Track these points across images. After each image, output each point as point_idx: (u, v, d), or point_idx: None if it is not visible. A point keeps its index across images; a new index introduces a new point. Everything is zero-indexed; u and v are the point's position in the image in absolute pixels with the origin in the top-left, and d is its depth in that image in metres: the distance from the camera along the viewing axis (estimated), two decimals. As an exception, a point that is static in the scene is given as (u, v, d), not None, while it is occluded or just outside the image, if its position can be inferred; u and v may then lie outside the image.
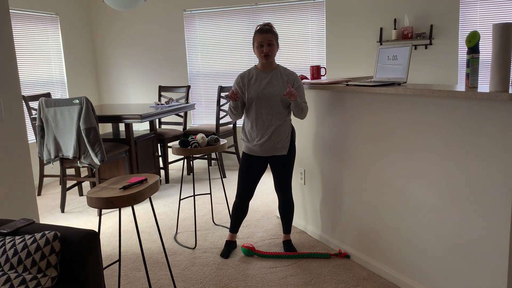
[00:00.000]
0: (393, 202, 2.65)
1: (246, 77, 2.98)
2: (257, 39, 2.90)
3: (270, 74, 2.96)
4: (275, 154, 3.00)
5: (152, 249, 3.34)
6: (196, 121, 6.17)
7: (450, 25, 4.78)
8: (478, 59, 2.15)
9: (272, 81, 2.93)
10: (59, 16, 5.78)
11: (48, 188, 5.26)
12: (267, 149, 2.98)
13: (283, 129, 2.97)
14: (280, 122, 2.94)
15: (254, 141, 2.99)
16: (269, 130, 2.93)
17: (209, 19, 5.81)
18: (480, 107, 2.05)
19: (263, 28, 2.91)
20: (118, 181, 2.38)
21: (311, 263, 3.00)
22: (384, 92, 2.57)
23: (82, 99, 3.81)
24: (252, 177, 3.07)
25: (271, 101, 2.91)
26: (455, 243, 2.26)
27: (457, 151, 2.19)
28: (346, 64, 5.31)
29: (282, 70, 2.99)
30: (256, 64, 3.04)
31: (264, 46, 2.89)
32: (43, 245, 1.83)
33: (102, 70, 6.46)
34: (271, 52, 2.91)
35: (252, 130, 2.98)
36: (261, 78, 2.95)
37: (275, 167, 3.07)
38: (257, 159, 3.04)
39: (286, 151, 3.01)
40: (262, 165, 3.06)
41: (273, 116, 2.92)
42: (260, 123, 2.94)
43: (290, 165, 3.07)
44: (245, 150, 3.07)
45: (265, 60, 2.92)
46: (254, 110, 2.94)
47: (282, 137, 2.97)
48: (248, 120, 3.00)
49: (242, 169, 3.08)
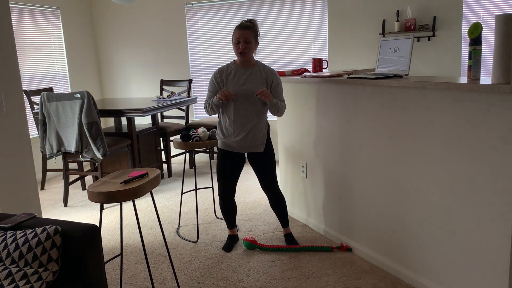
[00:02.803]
0: (395, 195, 2.64)
1: (225, 72, 2.93)
2: (235, 35, 2.85)
3: (249, 70, 2.91)
4: (252, 151, 2.98)
5: (154, 243, 3.35)
6: (198, 114, 6.16)
7: (453, 17, 4.74)
8: (480, 50, 2.13)
9: (251, 77, 2.89)
10: (60, 10, 5.76)
11: (51, 183, 5.28)
12: (244, 146, 2.95)
13: (260, 126, 2.94)
14: (258, 119, 2.92)
15: (231, 137, 2.95)
16: (247, 127, 2.90)
17: (210, 12, 5.78)
18: (482, 99, 2.04)
19: (243, 24, 2.85)
20: (119, 175, 2.38)
21: (313, 256, 3.01)
22: (386, 85, 2.55)
23: (84, 93, 3.81)
24: (232, 173, 3.03)
25: (249, 98, 2.87)
26: (457, 237, 2.25)
27: (459, 144, 2.18)
28: (348, 56, 5.28)
29: (261, 66, 2.95)
30: (236, 59, 2.99)
31: (241, 43, 2.83)
32: (44, 239, 1.83)
33: (104, 64, 6.45)
34: (247, 50, 2.85)
35: (230, 126, 2.93)
36: (239, 74, 2.90)
37: (256, 167, 3.04)
38: (234, 154, 3.01)
39: (263, 148, 2.99)
40: (240, 159, 3.03)
41: (251, 113, 2.89)
42: (238, 120, 2.90)
43: (271, 161, 3.04)
44: (221, 146, 3.02)
45: (241, 58, 2.88)
46: (232, 107, 2.89)
47: (259, 134, 2.95)
48: (225, 116, 2.95)
49: (220, 167, 3.03)
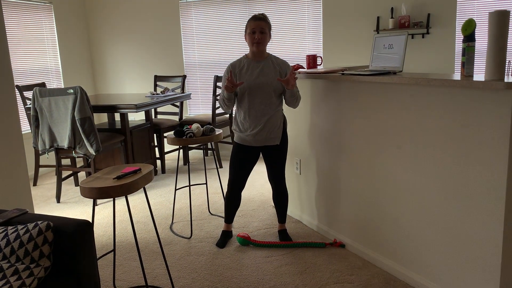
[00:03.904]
0: (388, 192, 2.65)
1: (238, 67, 2.94)
2: (250, 26, 2.87)
3: (261, 63, 2.92)
4: (268, 144, 2.98)
5: (147, 239, 3.34)
6: (192, 111, 6.14)
7: (447, 14, 4.75)
8: (473, 47, 2.13)
9: (264, 70, 2.90)
10: (53, 5, 5.71)
11: (44, 179, 5.25)
12: (260, 139, 2.96)
13: (275, 119, 2.95)
14: (273, 112, 2.92)
15: (247, 131, 2.96)
16: (262, 120, 2.91)
17: (205, 8, 5.75)
18: (475, 96, 2.04)
19: (257, 15, 2.89)
20: (112, 171, 2.36)
21: (306, 252, 3.01)
22: (379, 81, 2.55)
23: (77, 88, 3.78)
24: (245, 168, 3.05)
25: (263, 91, 2.88)
26: (450, 233, 2.27)
27: (453, 140, 2.19)
28: (343, 53, 5.28)
29: (273, 59, 2.96)
30: (247, 53, 3.01)
31: (256, 33, 2.85)
32: (36, 235, 1.82)
33: (97, 60, 6.41)
34: (263, 40, 2.87)
35: (245, 120, 2.95)
36: (252, 67, 2.91)
37: (268, 157, 3.05)
38: (249, 149, 3.02)
39: (279, 141, 3.00)
40: (255, 155, 3.04)
41: (266, 106, 2.90)
42: (253, 113, 2.92)
43: (284, 155, 3.06)
44: (237, 140, 3.04)
45: (256, 49, 2.88)
46: (246, 100, 2.91)
47: (275, 127, 2.96)
48: (240, 110, 2.97)
49: (234, 160, 3.05)
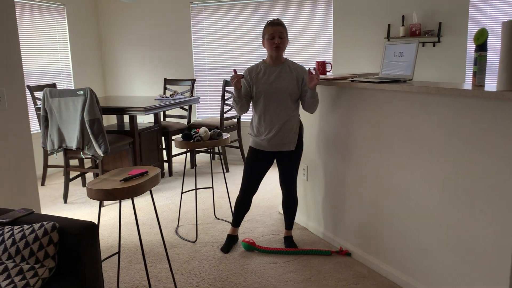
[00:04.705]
0: (396, 201, 2.62)
1: (254, 71, 2.95)
2: (268, 31, 2.88)
3: (278, 68, 2.93)
4: (283, 149, 2.97)
5: (153, 242, 3.33)
6: (201, 114, 6.15)
7: (459, 23, 4.72)
8: (485, 57, 2.11)
9: (280, 75, 2.90)
10: (66, 7, 5.77)
11: (52, 178, 5.28)
12: (275, 144, 2.95)
13: (291, 124, 2.94)
14: (288, 116, 2.91)
15: (262, 135, 2.96)
16: (277, 124, 2.90)
17: (215, 12, 5.77)
18: (486, 106, 2.02)
19: (275, 21, 2.90)
20: (119, 173, 2.37)
21: (312, 260, 2.99)
22: (389, 89, 2.53)
23: (87, 90, 3.80)
24: (258, 172, 3.04)
25: (279, 96, 2.88)
26: (457, 243, 2.23)
27: (462, 150, 2.16)
28: (353, 60, 5.26)
29: (290, 64, 2.96)
30: (264, 58, 3.01)
31: (276, 37, 2.86)
32: (41, 235, 1.82)
33: (108, 62, 6.45)
34: (282, 45, 2.88)
35: (260, 124, 2.95)
36: (269, 72, 2.92)
37: (281, 162, 3.04)
38: (264, 154, 3.01)
39: (294, 147, 2.98)
40: (269, 160, 3.03)
41: (281, 111, 2.89)
42: (268, 117, 2.91)
43: (297, 161, 3.04)
44: (252, 144, 3.04)
45: (276, 53, 2.89)
46: (262, 105, 2.91)
47: (290, 132, 2.94)
48: (256, 114, 2.98)
49: (248, 164, 3.05)
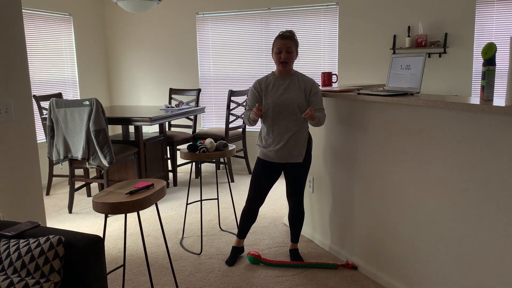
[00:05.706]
0: (403, 214, 2.59)
1: (264, 83, 2.95)
2: (276, 45, 2.88)
3: (287, 80, 2.93)
4: (290, 161, 2.96)
5: (158, 254, 3.32)
6: (206, 124, 6.16)
7: (465, 34, 4.71)
8: (494, 71, 2.10)
9: (289, 88, 2.90)
10: (73, 17, 5.81)
11: (57, 188, 5.28)
12: (282, 156, 2.94)
13: (299, 136, 2.93)
14: (297, 128, 2.91)
15: (270, 147, 2.95)
16: (286, 136, 2.90)
17: (221, 22, 5.80)
18: (495, 121, 2.00)
19: (284, 34, 2.88)
20: (124, 186, 2.36)
21: (318, 274, 2.96)
22: (396, 102, 2.52)
23: (93, 100, 3.82)
24: (265, 183, 3.03)
25: (288, 108, 2.87)
26: (468, 257, 2.20)
27: (470, 165, 2.14)
28: (358, 71, 5.25)
29: (300, 76, 2.96)
30: (274, 70, 3.01)
31: (283, 52, 2.86)
32: (47, 249, 1.81)
33: (113, 72, 6.48)
34: (289, 60, 2.88)
35: (268, 136, 2.95)
36: (278, 84, 2.92)
37: (289, 174, 3.03)
38: (271, 165, 3.00)
39: (302, 159, 2.97)
40: (276, 171, 3.02)
41: (290, 123, 2.89)
42: (276, 129, 2.91)
43: (305, 173, 3.03)
44: (260, 155, 3.03)
45: (282, 68, 2.90)
46: (271, 117, 2.91)
47: (299, 144, 2.93)
48: (264, 126, 2.98)
49: (256, 175, 3.04)
